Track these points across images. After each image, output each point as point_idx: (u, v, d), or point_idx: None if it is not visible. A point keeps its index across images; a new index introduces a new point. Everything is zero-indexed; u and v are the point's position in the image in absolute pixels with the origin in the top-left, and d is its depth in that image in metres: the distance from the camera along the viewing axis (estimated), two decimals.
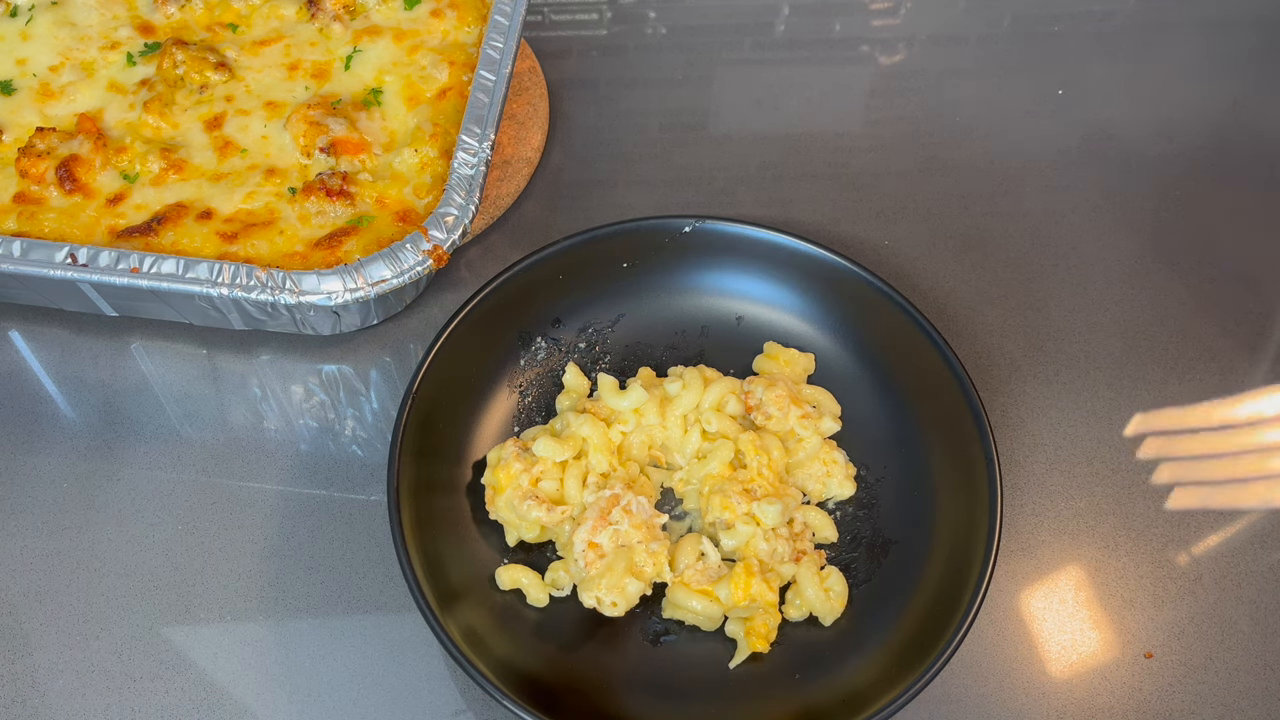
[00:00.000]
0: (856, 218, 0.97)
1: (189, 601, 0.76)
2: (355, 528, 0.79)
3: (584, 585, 0.72)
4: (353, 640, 0.75)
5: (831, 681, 0.71)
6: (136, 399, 0.85)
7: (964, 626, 0.67)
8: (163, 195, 0.85)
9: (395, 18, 0.96)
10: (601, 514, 0.73)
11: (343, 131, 0.87)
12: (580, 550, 0.72)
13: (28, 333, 0.88)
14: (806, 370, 0.83)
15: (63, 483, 0.81)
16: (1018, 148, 1.02)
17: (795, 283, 0.85)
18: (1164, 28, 1.12)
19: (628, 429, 0.79)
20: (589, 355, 0.85)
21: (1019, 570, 0.78)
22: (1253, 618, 0.77)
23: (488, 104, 0.87)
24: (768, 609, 0.72)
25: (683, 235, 0.84)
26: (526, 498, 0.74)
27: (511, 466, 0.75)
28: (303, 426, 0.84)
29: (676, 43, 1.10)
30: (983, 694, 0.74)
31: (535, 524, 0.75)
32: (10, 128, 0.89)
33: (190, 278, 0.77)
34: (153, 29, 0.96)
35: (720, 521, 0.75)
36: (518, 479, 0.75)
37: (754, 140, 1.02)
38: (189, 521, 0.79)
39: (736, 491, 0.75)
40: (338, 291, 0.77)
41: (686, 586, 0.73)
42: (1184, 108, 1.06)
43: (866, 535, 0.77)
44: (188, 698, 0.72)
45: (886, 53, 1.10)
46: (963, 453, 0.75)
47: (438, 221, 0.80)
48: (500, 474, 0.75)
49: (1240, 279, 0.94)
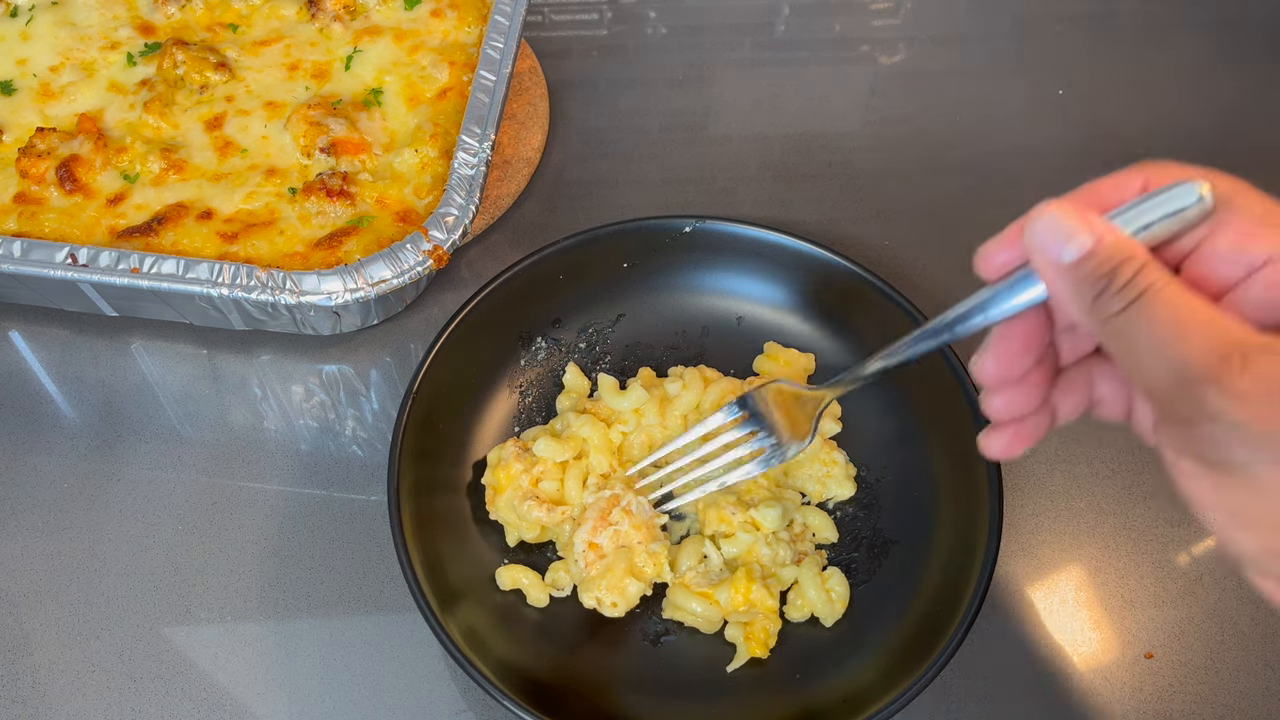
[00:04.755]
0: (856, 218, 0.97)
1: (189, 601, 0.76)
2: (355, 528, 0.79)
3: (584, 586, 0.72)
4: (353, 640, 0.75)
5: (831, 682, 0.71)
6: (136, 399, 0.85)
7: (964, 627, 0.67)
8: (163, 195, 0.85)
9: (395, 18, 0.96)
10: (601, 514, 0.73)
11: (343, 131, 0.87)
12: (580, 551, 0.72)
13: (28, 333, 0.88)
14: (806, 370, 0.83)
15: (63, 483, 0.81)
16: (1018, 148, 1.02)
17: (795, 283, 0.84)
18: (1164, 28, 1.12)
19: (628, 429, 0.79)
20: (589, 355, 0.85)
21: (1019, 570, 0.78)
22: (1253, 618, 0.77)
23: (488, 104, 0.87)
24: (767, 615, 0.72)
25: (683, 235, 0.84)
26: (527, 498, 0.74)
27: (512, 467, 0.75)
28: (303, 427, 0.84)
29: (676, 43, 1.10)
30: (983, 694, 0.74)
31: (535, 524, 0.75)
32: (10, 128, 0.89)
33: (190, 278, 0.77)
34: (153, 29, 0.96)
35: (719, 532, 0.75)
36: (518, 479, 0.75)
37: (754, 140, 1.02)
38: (189, 521, 0.80)
39: (730, 502, 0.75)
40: (338, 291, 0.77)
41: (687, 588, 0.73)
42: (1184, 108, 1.06)
43: (866, 535, 0.77)
44: (188, 698, 0.72)
45: (886, 53, 1.10)
46: (963, 453, 0.75)
47: (438, 221, 0.80)
48: (500, 474, 0.75)
49: None
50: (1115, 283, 0.45)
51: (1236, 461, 0.42)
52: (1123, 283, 0.45)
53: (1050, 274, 0.48)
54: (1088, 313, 0.46)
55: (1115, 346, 0.46)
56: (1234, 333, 0.43)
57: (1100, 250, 0.46)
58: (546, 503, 0.74)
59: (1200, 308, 0.44)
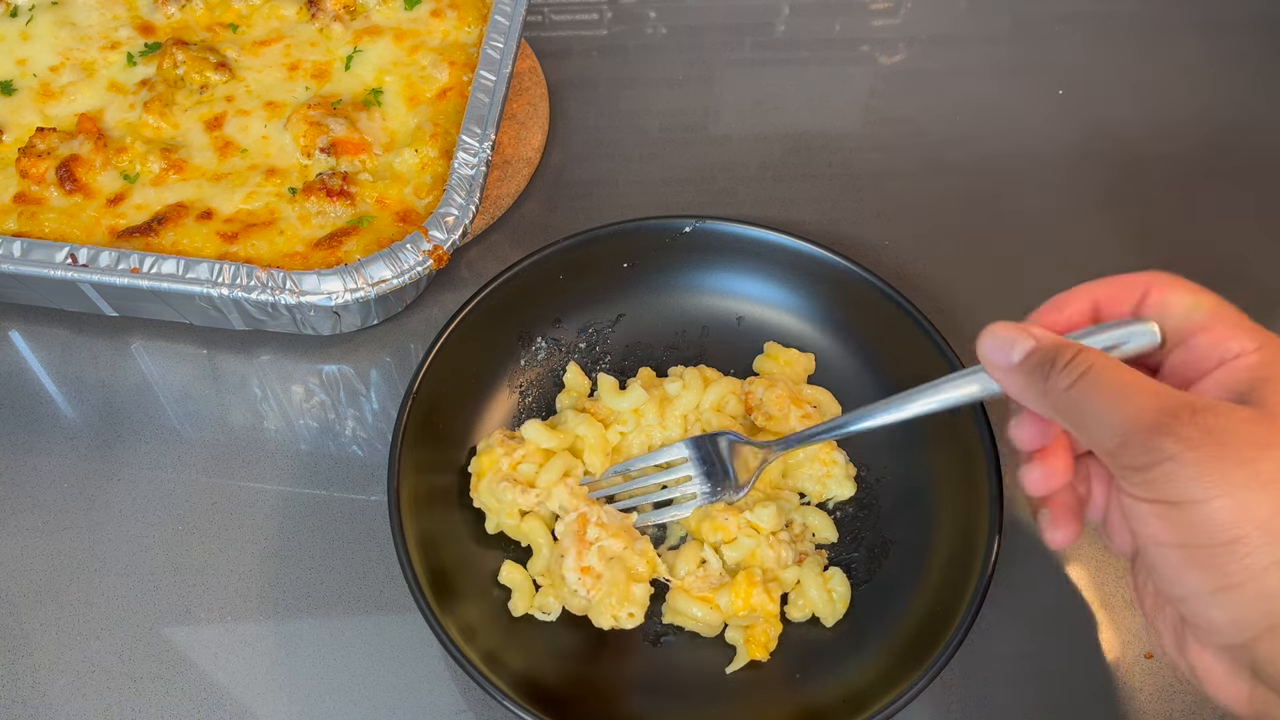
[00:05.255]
0: (856, 218, 0.97)
1: (189, 601, 0.76)
2: (355, 528, 0.79)
3: (595, 611, 0.72)
4: (353, 640, 0.75)
5: (832, 681, 0.71)
6: (136, 399, 0.85)
7: (964, 626, 0.67)
8: (163, 195, 0.85)
9: (395, 18, 0.96)
10: (578, 538, 0.72)
11: (343, 131, 0.87)
12: (575, 580, 0.72)
13: (28, 333, 0.88)
14: (807, 370, 0.83)
15: (63, 483, 0.81)
16: (1018, 148, 1.02)
17: (795, 283, 0.84)
18: (1164, 28, 1.12)
19: (627, 429, 0.79)
20: (589, 355, 0.85)
21: (1019, 570, 0.78)
22: None
23: (488, 104, 0.87)
24: (768, 619, 0.72)
25: (683, 235, 0.84)
26: (503, 479, 0.74)
27: (494, 452, 0.75)
28: (303, 427, 0.84)
29: (676, 43, 1.10)
30: (983, 694, 0.74)
31: (511, 506, 0.74)
32: (10, 128, 0.89)
33: (190, 278, 0.77)
34: (153, 29, 0.96)
35: (718, 540, 0.75)
36: (499, 463, 0.75)
37: (754, 140, 1.02)
38: (189, 521, 0.79)
39: (722, 510, 0.75)
40: (338, 291, 0.77)
41: (687, 593, 0.73)
42: (1184, 108, 1.06)
43: (866, 535, 0.77)
44: (188, 698, 0.72)
45: (886, 53, 1.10)
46: (963, 452, 0.75)
47: (438, 221, 0.80)
48: (484, 459, 0.76)
49: (1240, 279, 0.94)
50: (1059, 364, 0.53)
51: (1188, 497, 0.47)
52: (1066, 362, 0.53)
53: (1003, 376, 0.57)
54: (1041, 396, 0.54)
55: (1070, 419, 0.53)
56: (1180, 396, 0.50)
57: (1042, 345, 0.55)
58: (521, 484, 0.74)
59: (1143, 377, 0.51)
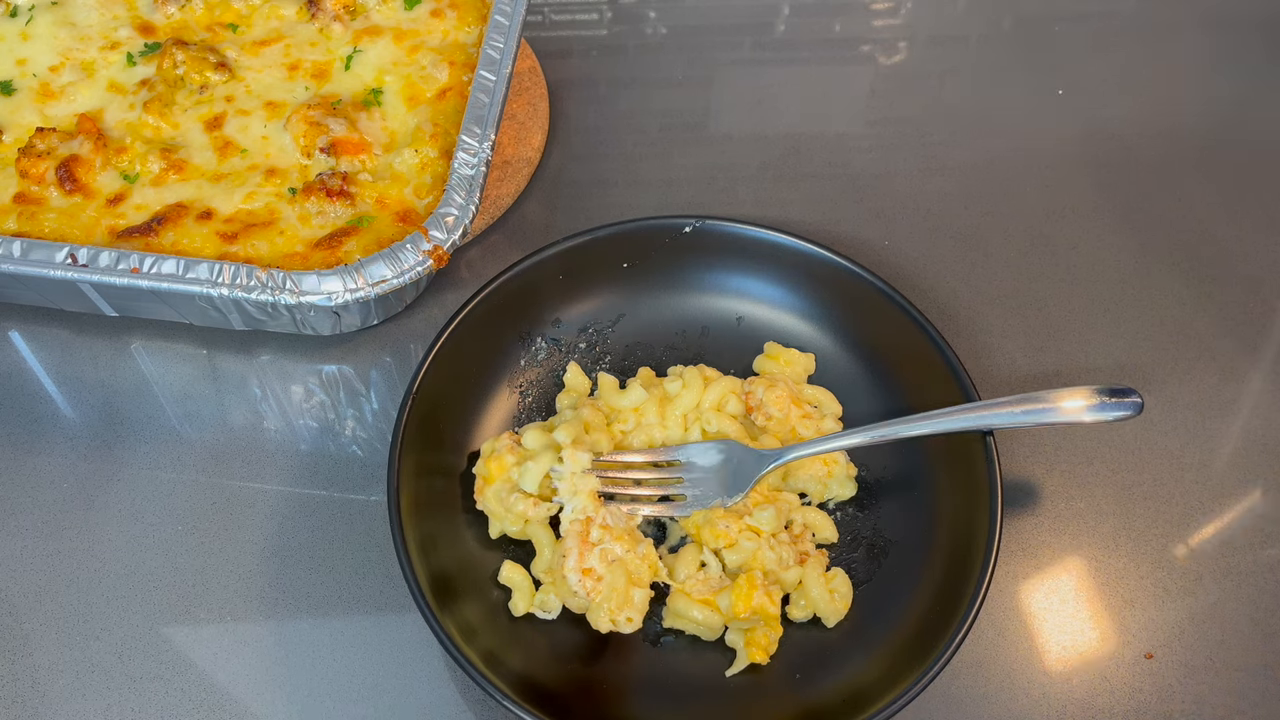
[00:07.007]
0: (856, 218, 0.97)
1: (189, 601, 0.76)
2: (355, 528, 0.79)
3: (593, 612, 0.72)
4: (353, 640, 0.75)
5: (832, 681, 0.71)
6: (136, 399, 0.85)
7: (964, 626, 0.67)
8: (163, 195, 0.85)
9: (395, 18, 0.96)
10: (581, 539, 0.72)
11: (343, 132, 0.87)
12: (576, 581, 0.72)
13: (28, 333, 0.88)
14: (807, 370, 0.83)
15: (63, 483, 0.81)
16: (1018, 148, 1.02)
17: (795, 283, 0.84)
18: (1164, 28, 1.12)
19: (627, 428, 0.79)
20: (589, 355, 0.85)
21: (1019, 570, 0.78)
22: (1253, 618, 0.77)
23: (488, 104, 0.87)
24: (769, 622, 0.72)
25: (683, 235, 0.84)
26: (514, 490, 0.74)
27: (504, 459, 0.75)
28: (303, 427, 0.84)
29: (676, 43, 1.10)
30: (983, 694, 0.74)
31: (520, 517, 0.74)
32: (10, 128, 0.89)
33: (190, 278, 0.77)
34: (153, 29, 0.96)
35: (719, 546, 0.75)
36: (508, 471, 0.75)
37: (754, 140, 1.02)
38: (189, 521, 0.79)
39: (722, 516, 0.75)
40: (338, 291, 0.77)
41: (688, 596, 0.73)
42: (1184, 108, 1.06)
43: (866, 535, 0.77)
44: (188, 698, 0.72)
45: (886, 53, 1.10)
46: (963, 453, 0.75)
47: (438, 222, 0.80)
48: (492, 465, 0.75)
49: (1240, 279, 0.94)
50: None
51: None
52: None
53: None
54: None
55: None
56: None
57: None
58: (533, 497, 0.74)
59: None
